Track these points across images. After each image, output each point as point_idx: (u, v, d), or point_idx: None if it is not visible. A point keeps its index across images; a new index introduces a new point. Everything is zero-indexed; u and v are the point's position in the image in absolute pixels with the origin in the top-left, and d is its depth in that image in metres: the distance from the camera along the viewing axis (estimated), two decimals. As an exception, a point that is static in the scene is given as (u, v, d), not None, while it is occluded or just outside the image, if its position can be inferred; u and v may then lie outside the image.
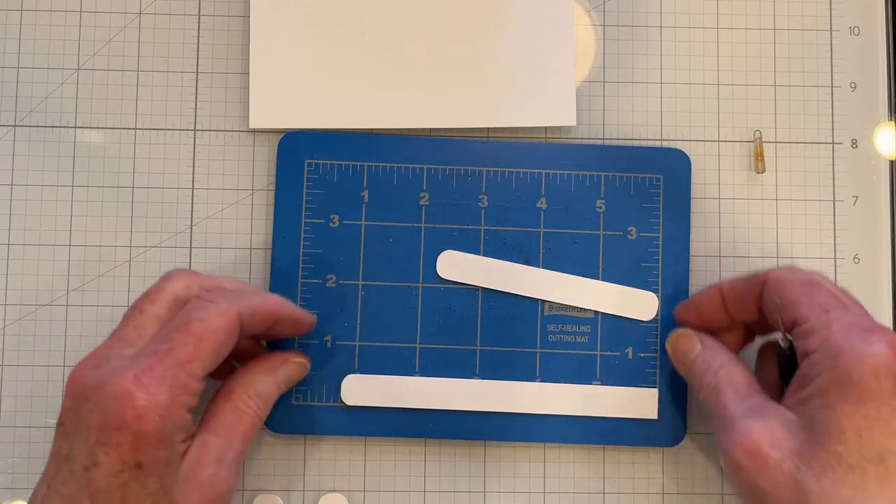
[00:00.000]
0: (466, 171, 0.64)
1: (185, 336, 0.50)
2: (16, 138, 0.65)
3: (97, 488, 0.48)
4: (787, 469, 0.49)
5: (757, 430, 0.51)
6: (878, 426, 0.48)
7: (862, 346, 0.49)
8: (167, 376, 0.49)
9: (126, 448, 0.47)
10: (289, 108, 0.65)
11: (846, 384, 0.48)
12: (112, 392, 0.48)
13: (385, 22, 0.66)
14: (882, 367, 0.48)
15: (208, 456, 0.52)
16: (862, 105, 0.68)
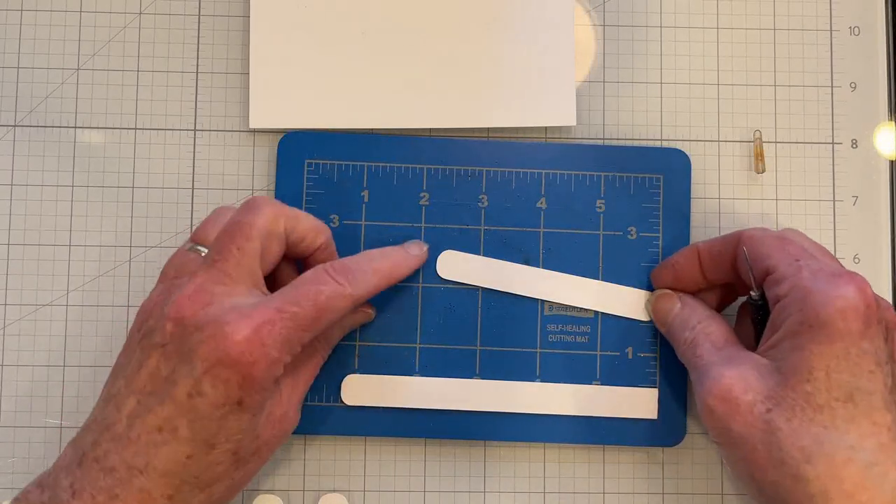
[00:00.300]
0: (466, 171, 0.64)
1: (311, 306, 0.53)
2: (16, 138, 0.65)
3: (198, 415, 0.50)
4: (758, 411, 0.50)
5: (729, 376, 0.52)
6: (845, 365, 0.49)
7: (830, 289, 0.50)
8: (283, 336, 0.51)
9: (233, 385, 0.50)
10: (289, 108, 0.65)
11: (815, 325, 0.49)
12: (231, 333, 0.50)
13: (385, 22, 0.66)
14: (850, 308, 0.49)
15: (280, 395, 0.55)
16: (862, 105, 0.68)
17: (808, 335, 0.50)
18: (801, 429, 0.49)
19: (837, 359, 0.49)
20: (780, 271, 0.53)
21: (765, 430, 0.50)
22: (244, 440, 0.52)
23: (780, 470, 0.49)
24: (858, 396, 0.48)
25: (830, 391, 0.49)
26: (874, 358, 0.49)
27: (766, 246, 0.55)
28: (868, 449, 0.48)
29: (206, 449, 0.51)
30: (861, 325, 0.49)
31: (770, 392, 0.50)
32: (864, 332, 0.49)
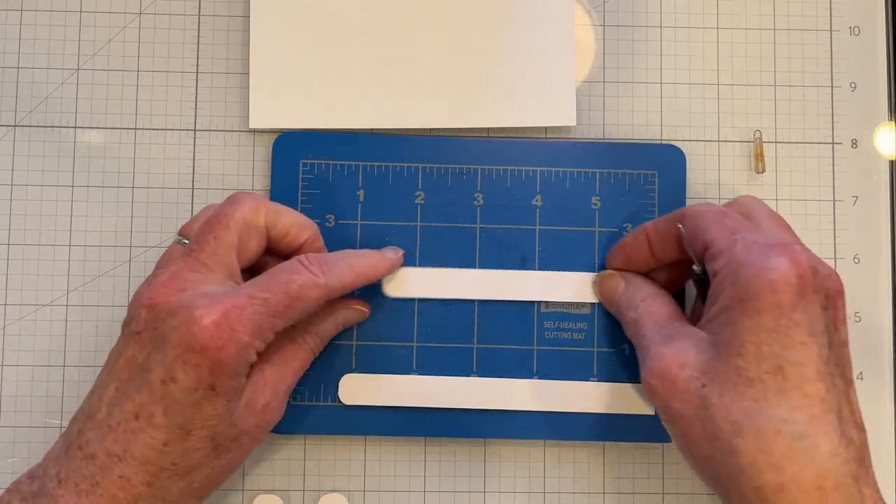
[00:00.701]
0: (462, 169, 0.64)
1: (282, 294, 0.53)
2: (16, 138, 0.65)
3: (172, 401, 0.51)
4: (694, 387, 0.50)
5: (668, 354, 0.52)
6: (775, 338, 0.48)
7: (761, 261, 0.50)
8: (253, 321, 0.52)
9: (204, 370, 0.50)
10: (289, 108, 0.65)
11: (745, 298, 0.49)
12: (200, 318, 0.51)
13: (385, 22, 0.66)
14: (780, 280, 0.49)
15: (264, 383, 0.56)
16: (862, 105, 0.68)
17: (739, 309, 0.49)
18: (732, 403, 0.48)
19: (767, 331, 0.48)
20: (717, 245, 0.53)
21: (699, 406, 0.50)
22: (220, 426, 0.52)
23: (714, 444, 0.49)
24: (789, 368, 0.48)
25: (761, 364, 0.48)
26: (807, 329, 0.48)
27: (706, 220, 0.55)
28: (798, 421, 0.47)
29: (182, 435, 0.51)
30: (793, 296, 0.48)
31: (705, 367, 0.50)
32: (797, 302, 0.49)
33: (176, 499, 0.53)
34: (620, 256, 0.62)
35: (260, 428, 0.55)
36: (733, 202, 0.59)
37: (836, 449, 0.47)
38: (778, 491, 0.47)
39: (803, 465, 0.47)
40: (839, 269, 0.66)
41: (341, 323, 0.62)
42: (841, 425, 0.48)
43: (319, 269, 0.55)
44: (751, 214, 0.57)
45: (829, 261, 0.66)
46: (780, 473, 0.47)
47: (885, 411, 0.66)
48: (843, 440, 0.48)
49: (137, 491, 0.51)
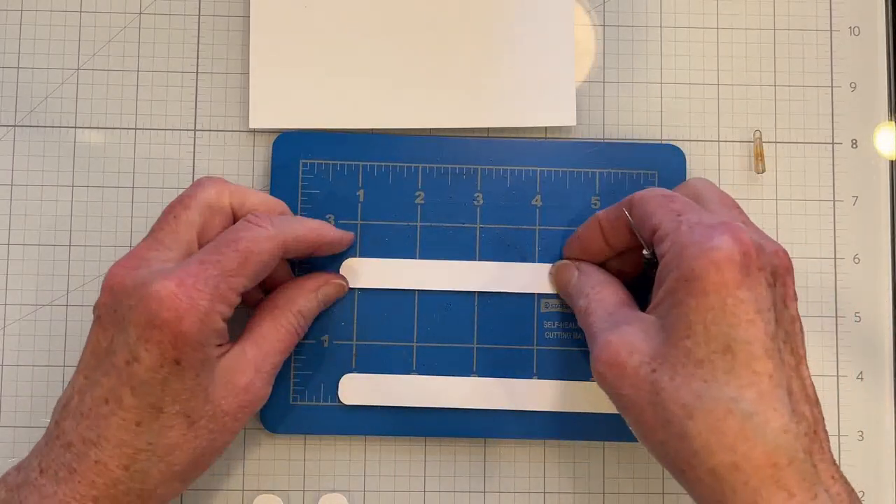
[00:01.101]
0: (462, 169, 0.64)
1: (232, 252, 0.53)
2: (16, 138, 0.65)
3: (138, 381, 0.50)
4: (644, 373, 0.50)
5: (616, 341, 0.52)
6: (722, 317, 0.48)
7: (703, 241, 0.49)
8: (210, 284, 0.52)
9: (167, 345, 0.50)
10: (289, 108, 0.65)
11: (690, 279, 0.49)
12: (156, 292, 0.50)
13: (385, 22, 0.66)
14: (723, 259, 0.48)
15: (246, 364, 0.55)
16: (862, 105, 0.68)
17: (685, 290, 0.49)
18: (682, 385, 0.48)
19: (714, 311, 0.48)
20: (663, 228, 0.53)
21: (650, 391, 0.49)
22: (193, 402, 0.52)
23: (667, 429, 0.49)
24: (737, 347, 0.48)
25: (709, 344, 0.48)
26: (754, 306, 0.48)
27: (652, 204, 0.55)
28: (748, 399, 0.47)
29: (153, 414, 0.51)
30: (737, 273, 0.48)
31: (654, 352, 0.50)
32: (742, 280, 0.48)
33: (157, 482, 0.52)
34: (576, 246, 0.62)
35: (243, 409, 0.55)
36: (682, 185, 0.59)
37: (787, 425, 0.47)
38: (732, 470, 0.47)
39: (755, 444, 0.47)
40: (839, 269, 0.66)
41: (322, 300, 0.61)
42: (791, 401, 0.48)
43: (268, 222, 0.55)
44: (699, 196, 0.57)
45: (828, 261, 0.66)
46: (732, 453, 0.47)
47: (885, 411, 0.66)
48: (795, 416, 0.48)
49: (115, 475, 0.51)
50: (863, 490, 0.65)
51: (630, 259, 0.61)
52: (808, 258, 0.66)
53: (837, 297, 0.66)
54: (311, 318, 0.61)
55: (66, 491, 0.51)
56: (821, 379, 0.65)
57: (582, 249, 0.62)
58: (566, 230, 0.64)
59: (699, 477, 0.48)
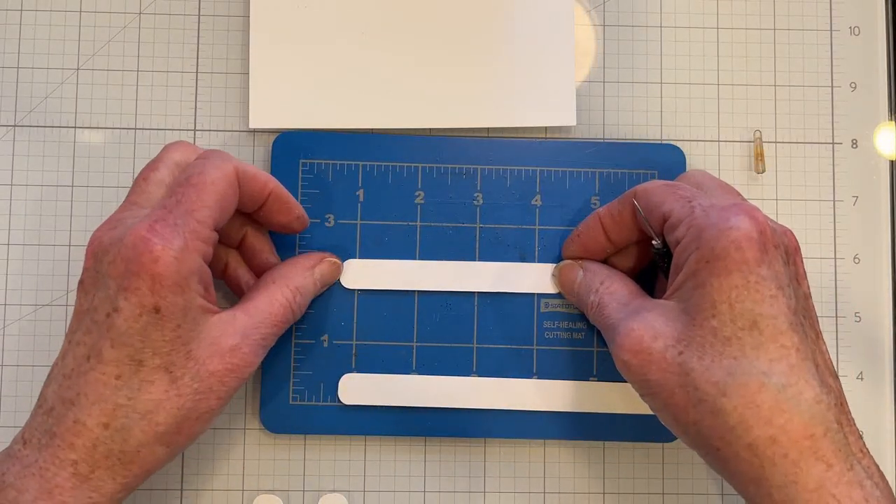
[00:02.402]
0: (461, 169, 0.64)
1: (187, 188, 0.53)
2: (16, 138, 0.65)
3: (118, 332, 0.50)
4: (671, 356, 0.50)
5: (638, 328, 0.52)
6: (746, 294, 0.49)
7: (721, 221, 0.50)
8: (178, 223, 0.51)
9: (145, 291, 0.50)
10: (289, 108, 0.65)
11: (711, 259, 0.50)
12: (130, 241, 0.50)
13: (385, 22, 0.66)
14: (743, 237, 0.49)
15: (234, 328, 0.54)
16: (862, 105, 0.68)
17: (706, 271, 0.50)
18: (713, 364, 0.49)
19: (737, 288, 0.49)
20: (675, 215, 0.54)
21: (679, 373, 0.50)
22: (174, 355, 0.51)
23: (699, 408, 0.49)
24: (763, 322, 0.49)
25: (735, 322, 0.49)
26: (775, 282, 0.49)
27: (658, 195, 0.56)
28: (779, 372, 0.48)
29: (133, 366, 0.50)
30: (757, 252, 0.49)
31: (679, 334, 0.51)
32: (761, 258, 0.49)
33: (139, 443, 0.51)
34: (577, 246, 0.62)
35: (230, 372, 0.53)
36: (682, 176, 0.60)
37: (819, 395, 0.48)
38: (771, 444, 0.47)
39: (791, 415, 0.47)
40: (839, 269, 0.66)
41: (318, 279, 0.61)
42: (818, 373, 0.49)
43: (215, 155, 0.55)
44: (700, 186, 0.57)
45: (828, 261, 0.66)
46: (769, 426, 0.47)
47: (885, 411, 0.66)
48: (824, 387, 0.49)
49: (94, 434, 0.50)
50: (863, 490, 0.65)
51: (630, 255, 0.62)
52: (808, 258, 0.66)
53: (837, 297, 0.66)
54: (307, 295, 0.60)
55: (46, 457, 0.50)
56: (821, 379, 0.65)
57: (583, 248, 0.62)
58: (566, 230, 0.63)
59: (736, 453, 0.49)
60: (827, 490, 0.47)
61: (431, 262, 0.63)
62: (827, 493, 0.47)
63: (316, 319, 0.63)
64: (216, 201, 0.54)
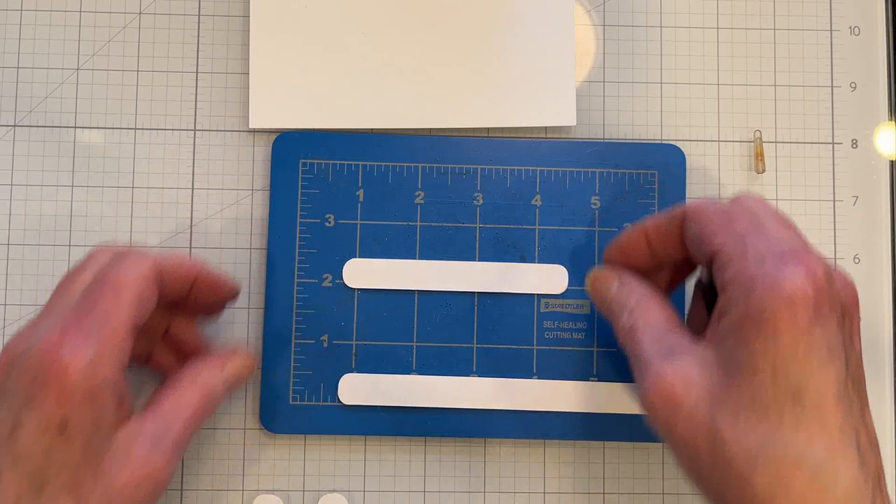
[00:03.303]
0: (461, 169, 0.64)
1: (101, 290, 0.50)
2: (16, 138, 0.65)
3: (20, 452, 0.47)
4: (702, 414, 0.46)
5: (671, 373, 0.48)
6: (793, 362, 0.44)
7: (775, 274, 0.45)
8: (91, 330, 0.48)
9: (51, 404, 0.46)
10: (289, 108, 0.65)
11: (759, 317, 0.45)
12: (38, 351, 0.47)
13: (385, 22, 0.66)
14: (797, 297, 0.45)
15: (143, 436, 0.50)
16: (862, 105, 0.68)
17: (753, 328, 0.45)
18: (747, 431, 0.45)
19: (784, 354, 0.44)
20: (726, 253, 0.48)
21: (708, 433, 0.46)
22: (81, 476, 0.48)
23: (726, 473, 0.45)
24: (807, 394, 0.44)
25: (777, 388, 0.44)
26: (825, 349, 0.45)
27: (711, 224, 0.50)
28: (817, 451, 0.44)
29: (35, 488, 0.47)
30: (811, 313, 0.44)
31: (714, 391, 0.46)
32: (815, 319, 0.44)
33: None
34: (618, 253, 0.57)
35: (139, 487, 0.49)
36: (735, 198, 0.53)
37: (857, 478, 0.44)
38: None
39: (824, 499, 0.44)
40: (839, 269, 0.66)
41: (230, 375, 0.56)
42: (859, 454, 0.45)
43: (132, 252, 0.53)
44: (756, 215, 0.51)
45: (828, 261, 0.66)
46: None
47: (885, 411, 0.66)
48: (864, 468, 0.45)
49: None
50: (863, 490, 0.65)
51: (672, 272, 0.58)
52: (808, 258, 0.66)
53: (838, 298, 0.66)
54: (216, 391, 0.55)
55: None
56: (821, 379, 0.65)
57: (624, 256, 0.57)
58: (566, 230, 0.64)
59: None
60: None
61: (431, 262, 0.63)
62: None
63: (316, 319, 0.63)
64: (133, 303, 0.50)
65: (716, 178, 0.66)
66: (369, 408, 0.63)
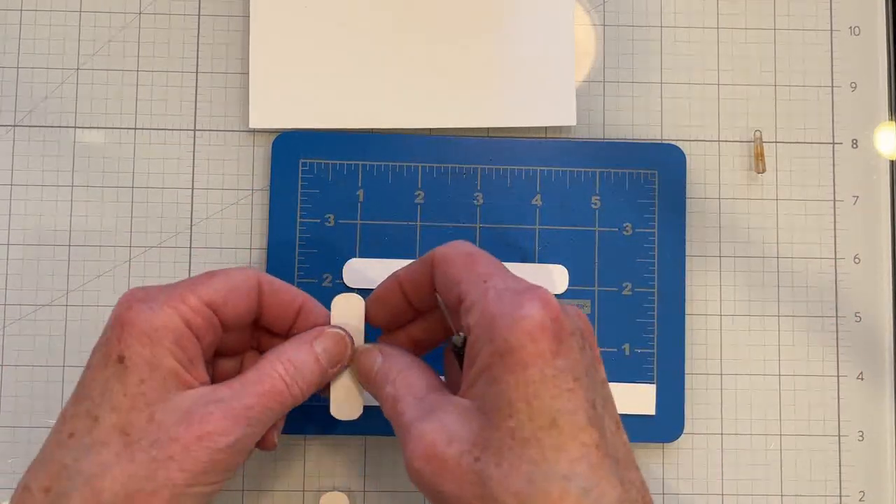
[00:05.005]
0: (462, 169, 0.64)
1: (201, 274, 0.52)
2: (16, 138, 0.65)
3: (81, 386, 0.49)
4: (467, 463, 0.45)
5: (430, 431, 0.46)
6: (544, 389, 0.44)
7: (514, 310, 0.45)
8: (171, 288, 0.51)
9: (113, 340, 0.48)
10: (288, 107, 0.65)
11: (506, 353, 0.45)
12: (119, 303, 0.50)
13: (385, 22, 0.66)
14: (536, 328, 0.45)
15: (207, 398, 0.49)
16: (862, 105, 0.68)
17: (501, 366, 0.45)
18: (511, 471, 0.44)
19: (535, 384, 0.44)
20: (470, 298, 0.48)
21: (476, 483, 0.44)
22: (133, 415, 0.47)
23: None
24: (562, 419, 0.44)
25: (534, 420, 0.44)
26: (571, 374, 0.45)
27: (456, 268, 0.50)
28: (580, 474, 0.43)
29: (89, 423, 0.47)
30: (552, 342, 0.45)
31: (476, 438, 0.45)
32: (557, 349, 0.45)
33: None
34: (380, 309, 0.57)
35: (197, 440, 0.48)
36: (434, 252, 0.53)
37: (623, 496, 0.44)
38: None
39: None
40: (839, 269, 0.66)
41: (322, 352, 0.54)
42: (619, 469, 0.45)
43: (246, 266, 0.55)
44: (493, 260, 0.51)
45: (828, 261, 0.66)
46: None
47: (885, 411, 0.66)
48: (626, 484, 0.45)
49: (36, 500, 0.46)
50: (863, 490, 0.65)
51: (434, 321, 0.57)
52: (808, 258, 0.66)
53: (838, 297, 0.66)
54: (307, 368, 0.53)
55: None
56: (821, 379, 0.65)
57: (385, 311, 0.57)
58: (567, 230, 0.64)
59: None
60: None
61: None
62: None
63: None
64: (224, 286, 0.51)
65: (716, 178, 0.66)
66: (369, 408, 0.62)
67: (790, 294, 0.66)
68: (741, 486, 0.64)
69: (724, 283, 0.66)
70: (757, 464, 0.65)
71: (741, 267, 0.66)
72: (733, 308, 0.65)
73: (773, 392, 0.65)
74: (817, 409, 0.65)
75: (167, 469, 0.47)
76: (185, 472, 0.47)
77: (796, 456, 0.65)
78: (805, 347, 0.66)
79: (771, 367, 0.65)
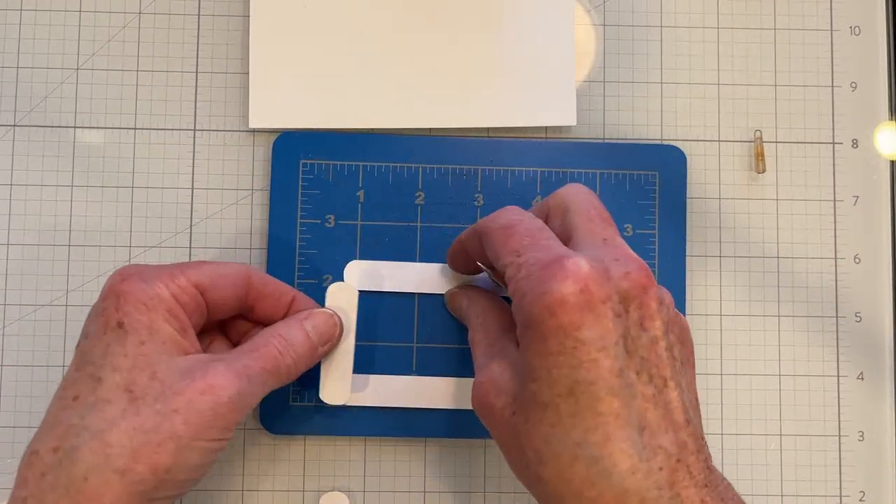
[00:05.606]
0: (462, 170, 0.64)
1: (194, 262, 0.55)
2: (16, 138, 0.65)
3: (83, 353, 0.50)
4: (507, 415, 0.49)
5: (486, 380, 0.51)
6: (563, 360, 0.46)
7: (537, 286, 0.47)
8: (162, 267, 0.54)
9: (111, 308, 0.50)
10: (288, 107, 0.65)
11: (529, 325, 0.47)
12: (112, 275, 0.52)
13: (385, 22, 0.66)
14: (556, 303, 0.46)
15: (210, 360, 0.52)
16: (862, 105, 0.68)
17: (527, 335, 0.47)
18: (533, 430, 0.47)
19: (554, 355, 0.46)
20: (507, 272, 0.50)
21: (512, 434, 0.49)
22: (136, 373, 0.49)
23: (527, 472, 0.48)
24: (580, 389, 0.45)
25: (552, 388, 0.46)
26: (596, 344, 0.45)
27: (495, 241, 0.52)
28: (593, 443, 0.45)
29: (92, 385, 0.49)
30: (575, 314, 0.45)
31: (515, 393, 0.49)
32: (580, 320, 0.46)
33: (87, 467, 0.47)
34: (450, 261, 0.62)
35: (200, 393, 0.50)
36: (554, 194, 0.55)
37: (636, 465, 0.45)
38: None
39: (602, 490, 0.45)
40: (839, 269, 0.66)
41: (312, 330, 0.57)
42: (643, 437, 0.46)
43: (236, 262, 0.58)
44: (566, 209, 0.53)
45: (829, 261, 0.66)
46: (580, 499, 0.46)
47: (885, 411, 0.66)
48: (646, 453, 0.45)
49: (44, 462, 0.47)
50: (863, 490, 0.65)
51: None
52: (808, 258, 0.66)
53: (838, 297, 0.66)
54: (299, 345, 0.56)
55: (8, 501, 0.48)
56: (821, 379, 0.65)
57: (454, 263, 0.62)
58: (567, 230, 0.64)
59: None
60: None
61: (432, 264, 0.63)
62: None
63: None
64: (212, 272, 0.55)
65: (716, 178, 0.66)
66: (370, 408, 0.63)
67: (790, 294, 0.66)
68: (741, 486, 0.64)
69: (725, 283, 0.66)
70: (757, 464, 0.65)
71: (741, 267, 0.66)
72: (733, 308, 0.66)
73: (773, 392, 0.65)
74: (817, 409, 0.65)
75: (172, 421, 0.49)
76: (188, 424, 0.49)
77: (796, 456, 0.65)
78: (805, 347, 0.66)
79: (771, 367, 0.66)
